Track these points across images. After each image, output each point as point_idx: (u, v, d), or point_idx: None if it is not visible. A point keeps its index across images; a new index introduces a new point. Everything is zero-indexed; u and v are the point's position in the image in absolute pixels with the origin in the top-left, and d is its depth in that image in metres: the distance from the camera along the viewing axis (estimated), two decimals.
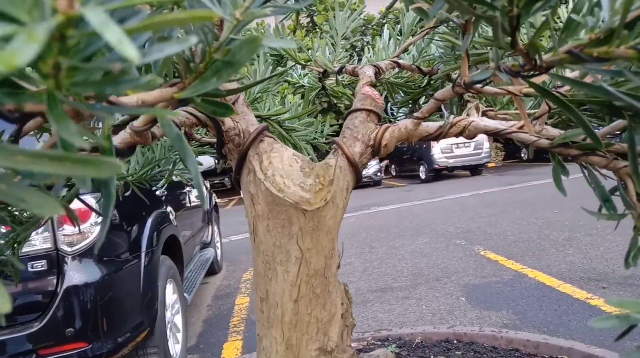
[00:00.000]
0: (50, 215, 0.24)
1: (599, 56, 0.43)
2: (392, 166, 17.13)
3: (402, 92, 1.26)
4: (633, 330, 0.43)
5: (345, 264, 5.02)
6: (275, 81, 1.12)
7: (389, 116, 1.36)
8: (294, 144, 1.15)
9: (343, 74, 1.15)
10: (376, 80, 1.00)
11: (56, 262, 2.21)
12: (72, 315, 2.21)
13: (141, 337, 2.51)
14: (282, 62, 1.22)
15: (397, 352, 1.29)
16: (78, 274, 2.27)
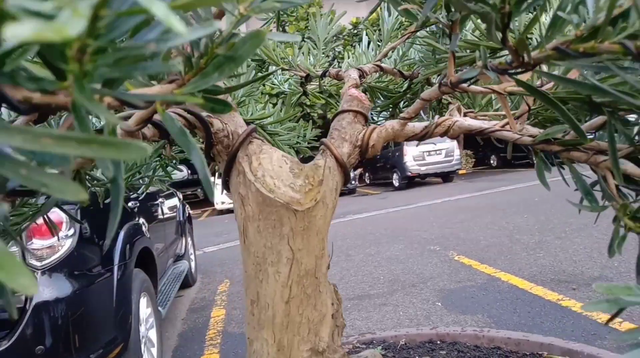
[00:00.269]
0: (73, 199, 0.24)
1: (585, 51, 0.46)
2: (366, 174, 17.28)
3: (382, 96, 1.28)
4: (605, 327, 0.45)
5: None
6: (258, 85, 1.13)
7: (369, 121, 1.37)
8: (277, 148, 1.15)
9: (326, 78, 1.17)
10: (360, 83, 1.01)
11: None
12: (42, 332, 2.13)
13: (115, 353, 2.44)
14: (264, 66, 1.22)
15: (383, 354, 1.30)
16: (48, 289, 2.19)
